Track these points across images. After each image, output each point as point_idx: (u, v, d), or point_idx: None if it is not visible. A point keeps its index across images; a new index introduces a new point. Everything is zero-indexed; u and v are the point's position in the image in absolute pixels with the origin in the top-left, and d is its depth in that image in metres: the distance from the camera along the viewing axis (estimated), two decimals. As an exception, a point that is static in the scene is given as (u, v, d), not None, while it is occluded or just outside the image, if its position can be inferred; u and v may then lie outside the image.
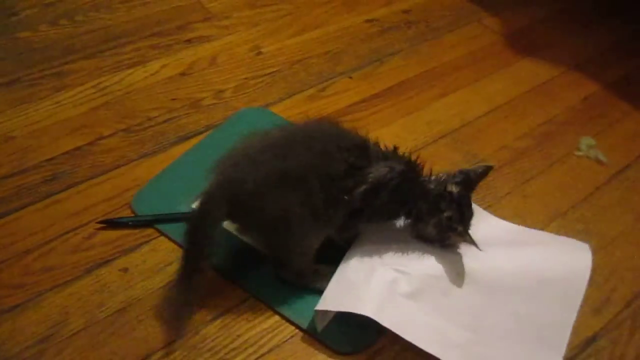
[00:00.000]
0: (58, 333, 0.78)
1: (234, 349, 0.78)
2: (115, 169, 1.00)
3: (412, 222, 0.85)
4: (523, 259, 0.88)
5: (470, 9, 1.47)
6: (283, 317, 0.81)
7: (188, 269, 0.79)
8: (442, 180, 0.85)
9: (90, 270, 0.85)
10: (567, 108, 1.22)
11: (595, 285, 0.89)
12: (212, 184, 0.78)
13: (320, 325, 0.78)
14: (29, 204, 0.93)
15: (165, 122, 1.09)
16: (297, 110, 1.14)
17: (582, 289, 0.85)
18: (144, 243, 0.89)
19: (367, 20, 1.40)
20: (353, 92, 1.20)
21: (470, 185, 0.86)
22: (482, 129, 1.15)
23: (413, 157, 0.85)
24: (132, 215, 0.92)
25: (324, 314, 0.78)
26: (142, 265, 0.86)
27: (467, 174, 0.85)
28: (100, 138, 1.05)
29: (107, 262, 0.86)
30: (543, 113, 1.20)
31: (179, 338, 0.78)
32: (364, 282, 0.79)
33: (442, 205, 0.83)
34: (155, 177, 0.98)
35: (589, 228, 0.98)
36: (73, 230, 0.90)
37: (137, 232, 0.90)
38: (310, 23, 1.37)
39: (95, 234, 0.90)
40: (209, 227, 0.78)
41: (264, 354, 0.78)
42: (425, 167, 0.86)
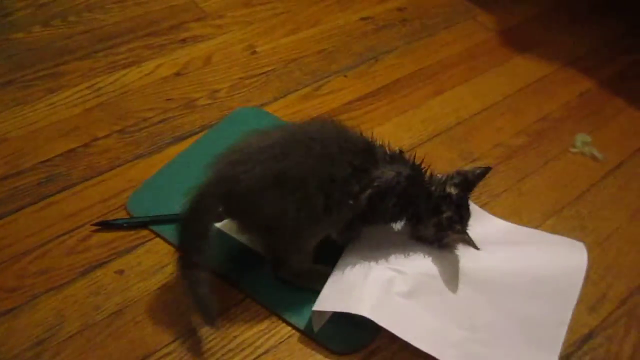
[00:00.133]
0: (54, 336, 0.78)
1: (231, 350, 0.78)
2: (111, 170, 1.00)
3: (412, 223, 0.85)
4: (519, 259, 0.88)
5: (465, 7, 1.47)
6: (279, 317, 0.82)
7: (185, 267, 0.79)
8: (441, 182, 0.85)
9: (86, 273, 0.85)
10: (562, 105, 1.22)
11: (591, 283, 0.89)
12: (205, 181, 0.77)
13: (317, 326, 0.78)
14: (24, 206, 0.93)
15: (160, 122, 1.09)
16: (292, 110, 1.14)
17: (577, 288, 0.86)
18: (140, 244, 0.89)
19: (361, 18, 1.40)
20: (348, 90, 1.20)
21: (469, 187, 0.86)
22: (477, 127, 1.15)
23: (417, 160, 0.85)
24: (127, 217, 0.92)
25: (321, 314, 0.78)
26: (138, 267, 0.86)
27: (465, 175, 0.85)
28: (95, 139, 1.05)
29: (102, 264, 0.86)
30: (538, 110, 1.20)
31: (176, 339, 0.78)
32: (360, 282, 0.79)
33: (442, 207, 0.83)
34: (151, 178, 0.98)
35: (585, 225, 0.98)
36: (68, 233, 0.90)
37: (132, 233, 0.90)
38: (305, 22, 1.37)
39: (91, 236, 0.90)
40: (201, 223, 0.78)
41: (261, 355, 0.78)
42: (427, 168, 0.86)
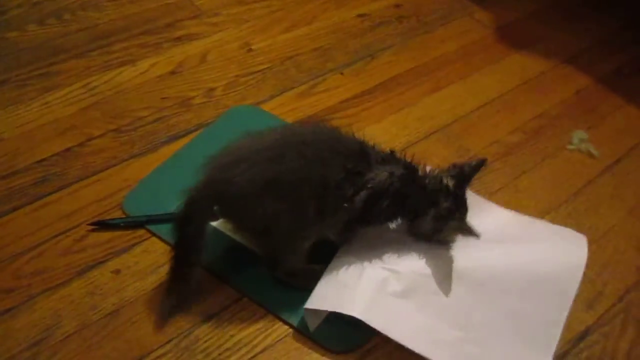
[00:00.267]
0: (51, 336, 0.78)
1: (227, 349, 0.78)
2: (106, 170, 0.99)
3: (409, 220, 0.85)
4: (516, 256, 0.87)
5: (462, 3, 1.46)
6: (276, 316, 0.81)
7: (177, 270, 0.80)
8: (437, 176, 0.84)
9: (82, 273, 0.85)
10: (558, 102, 1.22)
11: (588, 280, 0.89)
12: (198, 183, 0.77)
13: (313, 325, 0.78)
14: (20, 207, 0.93)
15: (156, 121, 1.09)
16: (288, 108, 1.14)
17: (575, 287, 0.85)
18: (136, 244, 0.89)
19: (358, 15, 1.39)
20: (344, 88, 1.19)
21: (465, 179, 0.85)
22: (473, 124, 1.15)
23: (409, 157, 0.84)
24: (123, 216, 0.92)
25: (316, 313, 0.78)
26: (134, 267, 0.86)
27: (461, 168, 0.85)
28: (91, 139, 1.04)
29: (99, 264, 0.86)
30: (535, 107, 1.20)
31: (172, 339, 0.78)
32: (353, 281, 0.79)
33: (439, 199, 0.82)
34: (146, 177, 0.97)
35: (581, 222, 0.98)
36: (64, 233, 0.89)
37: (128, 233, 0.90)
38: (301, 19, 1.36)
39: (87, 236, 0.89)
40: (195, 225, 0.78)
41: (258, 354, 0.78)
42: (420, 165, 0.85)
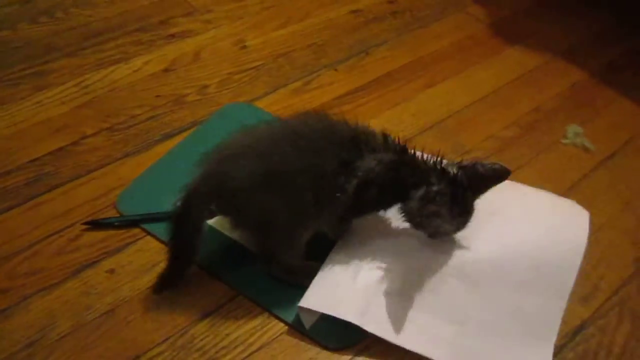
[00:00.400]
0: (45, 337, 0.77)
1: (224, 348, 0.78)
2: (100, 169, 0.99)
3: (401, 201, 0.81)
4: (514, 244, 0.86)
5: (456, -2, 1.46)
6: (272, 314, 0.81)
7: (174, 265, 0.80)
8: (438, 161, 0.80)
9: (77, 273, 0.84)
10: (553, 96, 1.22)
11: (583, 274, 0.89)
12: (196, 179, 0.77)
13: (309, 322, 0.78)
14: (13, 207, 0.92)
15: (150, 119, 1.08)
16: (282, 105, 1.13)
17: (574, 273, 0.84)
18: (131, 243, 0.88)
19: (352, 11, 1.39)
20: (338, 84, 1.19)
21: (477, 181, 0.79)
22: (469, 119, 1.15)
23: (403, 142, 0.81)
24: (117, 216, 0.91)
25: (311, 311, 0.78)
26: (129, 266, 0.85)
27: (474, 166, 0.79)
28: (84, 137, 1.04)
29: (93, 263, 0.86)
30: (530, 101, 1.20)
31: (168, 338, 0.78)
32: (347, 282, 0.79)
33: (431, 179, 0.78)
34: (140, 175, 0.97)
35: (577, 216, 0.98)
36: (58, 232, 0.89)
37: (123, 232, 0.89)
38: (295, 15, 1.36)
39: (81, 236, 0.89)
40: (193, 221, 0.78)
41: (254, 352, 0.78)
42: (417, 151, 0.82)
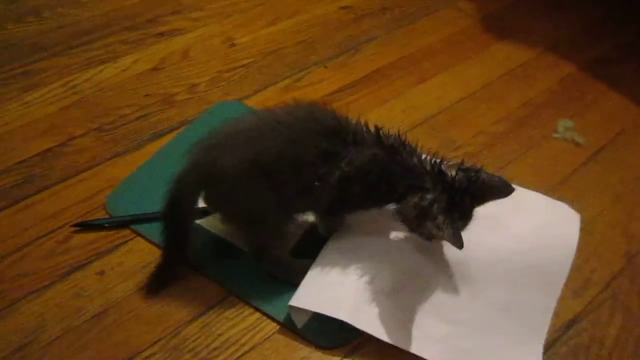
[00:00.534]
0: (36, 340, 0.77)
1: (216, 349, 0.77)
2: (89, 170, 0.98)
3: (397, 203, 0.79)
4: (506, 244, 0.86)
5: (445, -7, 1.46)
6: (264, 314, 0.81)
7: (166, 261, 0.80)
8: (436, 162, 0.77)
9: (66, 275, 0.84)
10: (543, 91, 1.22)
11: (576, 267, 0.89)
12: (183, 168, 0.78)
13: (301, 322, 0.78)
14: (1, 209, 0.91)
15: (139, 119, 1.07)
16: (272, 102, 1.12)
17: (564, 273, 0.85)
18: (121, 244, 0.88)
19: (341, 8, 1.38)
20: (328, 81, 1.19)
21: (479, 189, 0.76)
22: (459, 115, 1.15)
23: (397, 136, 0.79)
24: (107, 217, 0.91)
25: (302, 310, 0.77)
26: (119, 268, 0.85)
27: (478, 172, 0.76)
28: (72, 138, 1.03)
29: (83, 265, 0.85)
30: (520, 96, 1.20)
31: (160, 340, 0.77)
32: (339, 281, 0.78)
33: (426, 183, 0.76)
34: (130, 176, 0.96)
35: (568, 210, 0.99)
36: (47, 235, 0.88)
37: (113, 233, 0.89)
38: (284, 12, 1.35)
39: (70, 238, 0.88)
40: (183, 210, 0.78)
41: (246, 352, 0.77)
42: (412, 145, 0.79)
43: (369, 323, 0.75)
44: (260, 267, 0.84)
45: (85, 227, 0.89)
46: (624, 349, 0.81)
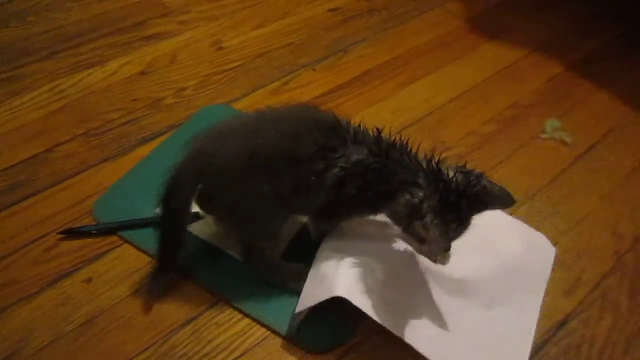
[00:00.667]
0: (23, 349, 0.76)
1: (206, 355, 0.77)
2: (76, 176, 0.97)
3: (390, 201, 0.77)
4: (486, 264, 0.86)
5: (433, -6, 1.46)
6: (254, 319, 0.80)
7: (163, 249, 0.79)
8: (434, 160, 0.74)
9: (53, 283, 0.83)
10: (531, 91, 1.22)
11: (565, 267, 0.90)
12: (182, 158, 0.77)
13: (292, 326, 0.77)
14: (-14, 217, 0.90)
15: (126, 124, 1.06)
16: (260, 105, 1.10)
17: (540, 297, 0.85)
18: (108, 251, 0.87)
19: (329, 10, 1.38)
20: (317, 84, 1.18)
21: (478, 194, 0.72)
22: (448, 116, 1.15)
23: (397, 139, 0.77)
24: (94, 224, 0.90)
25: (301, 313, 0.77)
26: (106, 275, 0.84)
27: (479, 177, 0.73)
28: (59, 144, 1.02)
29: (70, 273, 0.84)
30: (508, 97, 1.20)
31: (150, 346, 0.77)
32: (332, 271, 0.77)
33: (419, 180, 0.73)
34: (117, 182, 0.95)
35: (557, 210, 0.99)
36: (33, 242, 0.87)
37: (100, 240, 0.88)
38: (272, 14, 1.35)
39: (57, 245, 0.87)
40: (180, 200, 0.78)
41: (237, 358, 0.77)
42: (412, 149, 0.77)
43: (364, 302, 0.73)
44: (252, 272, 0.83)
45: (72, 234, 0.88)
46: (615, 348, 0.82)
